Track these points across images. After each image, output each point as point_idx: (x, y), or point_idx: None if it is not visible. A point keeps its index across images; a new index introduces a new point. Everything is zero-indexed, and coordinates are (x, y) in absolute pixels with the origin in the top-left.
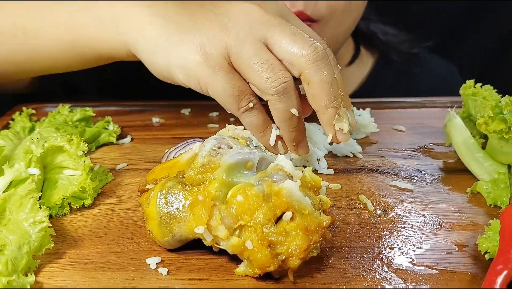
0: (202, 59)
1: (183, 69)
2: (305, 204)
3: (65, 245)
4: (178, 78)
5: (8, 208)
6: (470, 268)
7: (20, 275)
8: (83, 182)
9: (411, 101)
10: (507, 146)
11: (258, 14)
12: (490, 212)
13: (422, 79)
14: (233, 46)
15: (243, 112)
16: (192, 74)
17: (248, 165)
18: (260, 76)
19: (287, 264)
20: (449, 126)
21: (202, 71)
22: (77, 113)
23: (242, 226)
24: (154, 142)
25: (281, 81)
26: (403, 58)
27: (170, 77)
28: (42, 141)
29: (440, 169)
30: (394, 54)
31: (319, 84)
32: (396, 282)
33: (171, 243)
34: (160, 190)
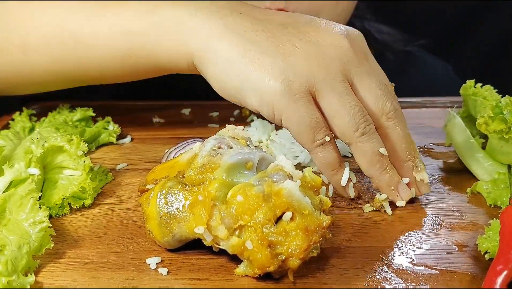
0: (283, 85)
1: (259, 92)
2: (305, 204)
3: (65, 245)
4: (250, 100)
5: (8, 208)
6: (470, 268)
7: (20, 275)
8: (83, 182)
9: (411, 101)
10: (507, 146)
11: (349, 52)
12: (490, 212)
13: (417, 78)
14: (321, 80)
15: (318, 145)
16: (268, 100)
17: (248, 165)
18: (348, 117)
19: (287, 264)
20: (449, 126)
21: (280, 98)
22: (77, 113)
23: (242, 226)
24: (154, 142)
25: (367, 124)
26: (398, 57)
27: (240, 98)
28: (42, 141)
29: (440, 169)
30: (389, 53)
31: (396, 140)
32: (396, 282)
33: (171, 243)
34: (160, 190)
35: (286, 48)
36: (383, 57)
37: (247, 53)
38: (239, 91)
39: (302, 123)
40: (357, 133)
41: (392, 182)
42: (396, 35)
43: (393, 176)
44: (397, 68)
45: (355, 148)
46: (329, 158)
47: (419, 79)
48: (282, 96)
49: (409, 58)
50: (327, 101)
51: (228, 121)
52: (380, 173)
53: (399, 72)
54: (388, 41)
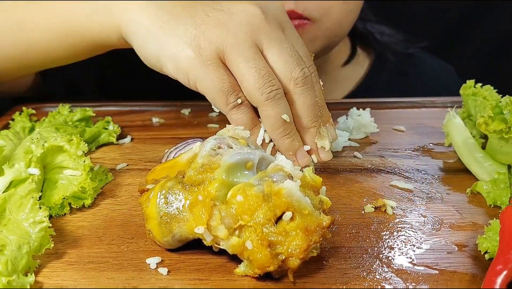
0: (194, 52)
1: (174, 60)
2: (305, 204)
3: (65, 245)
4: (167, 68)
5: (8, 208)
6: (470, 268)
7: (20, 275)
8: (83, 182)
9: (411, 101)
10: (507, 146)
11: (260, 18)
12: (490, 212)
13: (418, 80)
14: (230, 45)
15: (232, 108)
16: (182, 66)
17: (248, 165)
18: (254, 80)
19: (287, 264)
20: (449, 126)
21: (192, 64)
22: (77, 113)
23: (242, 226)
24: (154, 142)
25: (273, 88)
26: (399, 58)
27: (159, 66)
28: (42, 141)
29: (440, 169)
30: (390, 54)
31: (302, 106)
32: (396, 282)
33: (171, 243)
34: (160, 190)
35: (199, 17)
36: (384, 59)
37: (164, 23)
38: (158, 59)
39: (214, 88)
40: (262, 96)
41: (292, 147)
42: (397, 37)
43: (294, 142)
44: (399, 70)
45: (260, 111)
46: (244, 119)
47: (420, 80)
48: (194, 62)
49: (410, 60)
50: (235, 66)
51: (228, 121)
52: (281, 137)
53: (401, 73)
54: (389, 43)
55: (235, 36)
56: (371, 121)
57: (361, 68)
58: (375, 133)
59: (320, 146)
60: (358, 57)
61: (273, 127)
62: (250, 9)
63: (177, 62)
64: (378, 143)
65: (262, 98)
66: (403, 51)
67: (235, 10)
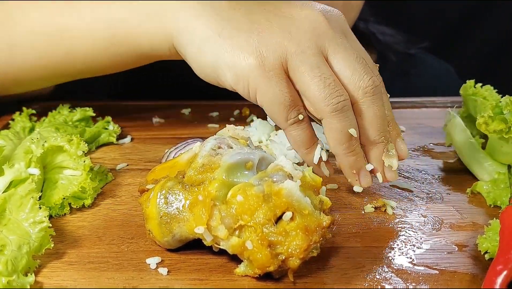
0: (256, 61)
1: (234, 69)
2: (305, 204)
3: (65, 245)
4: (225, 78)
5: (8, 208)
6: (470, 268)
7: (20, 275)
8: (83, 182)
9: (411, 101)
10: (507, 146)
11: (323, 25)
12: (490, 212)
13: (419, 80)
14: (293, 53)
15: (292, 123)
16: (243, 75)
17: (248, 165)
18: (319, 90)
19: (287, 264)
20: (449, 126)
21: (254, 74)
22: (77, 113)
23: (242, 226)
24: (154, 142)
25: (340, 99)
26: (401, 58)
27: (216, 76)
28: (42, 141)
29: (440, 169)
30: (392, 54)
31: (371, 119)
32: (396, 282)
33: (171, 243)
34: (160, 190)
35: (261, 24)
36: (385, 59)
37: (223, 30)
38: (215, 69)
39: (275, 100)
40: (328, 107)
41: (355, 166)
42: (398, 37)
43: (358, 160)
44: (399, 70)
45: (325, 123)
46: (303, 136)
47: (421, 80)
48: (256, 72)
49: (411, 60)
50: (298, 75)
51: (228, 121)
52: (346, 154)
53: (401, 73)
54: (390, 43)
55: (299, 43)
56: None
57: None
58: None
59: (387, 164)
60: None
61: (339, 142)
62: (313, 15)
63: (237, 71)
64: None
65: (328, 109)
66: (405, 51)
67: (298, 17)
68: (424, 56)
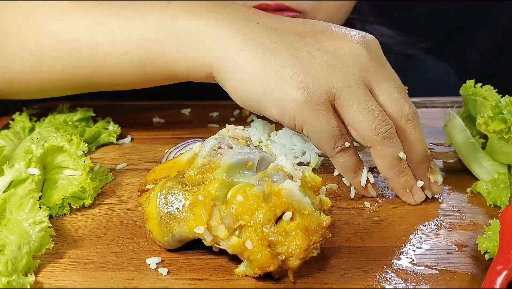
0: (303, 97)
1: (280, 104)
2: (305, 204)
3: (65, 245)
4: (270, 112)
5: (8, 208)
6: (470, 268)
7: (20, 275)
8: (83, 182)
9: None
10: (507, 146)
11: (366, 58)
12: (490, 212)
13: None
14: (340, 89)
15: (339, 151)
16: (290, 111)
17: (248, 165)
18: (368, 122)
19: (287, 264)
20: (449, 126)
21: (301, 110)
22: (77, 113)
23: (242, 226)
24: (154, 142)
25: (388, 127)
26: (399, 59)
27: (260, 109)
28: (42, 141)
29: (440, 169)
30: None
31: (415, 142)
32: (396, 282)
33: (171, 243)
34: (160, 190)
35: (305, 59)
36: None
37: (267, 65)
38: (260, 103)
39: (323, 132)
40: (377, 137)
41: (408, 185)
42: (397, 38)
43: (409, 179)
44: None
45: (375, 151)
46: (349, 163)
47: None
48: (303, 107)
49: (409, 61)
50: (346, 109)
51: (228, 121)
52: (397, 176)
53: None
54: (389, 44)
55: (345, 78)
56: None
57: None
58: None
59: (434, 180)
60: None
61: (390, 166)
62: (356, 50)
63: (284, 106)
64: None
65: (378, 138)
66: (403, 52)
67: (341, 51)
68: (423, 57)
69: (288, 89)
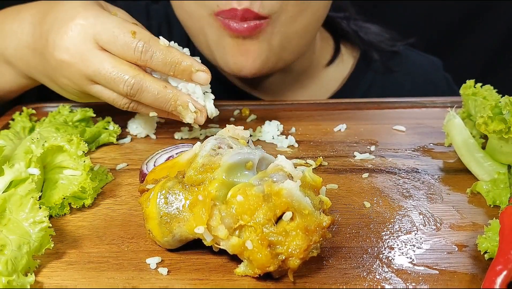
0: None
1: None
2: (305, 204)
3: (65, 245)
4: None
5: (8, 208)
6: (470, 268)
7: (20, 275)
8: (83, 182)
9: (411, 101)
10: (507, 146)
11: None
12: (490, 212)
13: (404, 77)
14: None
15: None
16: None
17: (248, 165)
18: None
19: (287, 264)
20: (449, 126)
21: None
22: (77, 113)
23: (242, 226)
24: (154, 142)
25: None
26: (385, 56)
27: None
28: (42, 141)
29: (440, 169)
30: (375, 53)
31: (149, 106)
32: (396, 282)
33: (171, 243)
34: (160, 190)
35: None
36: (369, 57)
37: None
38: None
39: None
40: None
41: (182, 102)
42: (383, 35)
43: (180, 97)
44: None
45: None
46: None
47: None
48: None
49: (395, 58)
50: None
51: (228, 121)
52: (169, 107)
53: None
54: (374, 41)
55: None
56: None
57: (345, 67)
58: (375, 133)
59: (188, 121)
60: (342, 57)
61: (159, 107)
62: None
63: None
64: (378, 143)
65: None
66: (388, 49)
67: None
68: (409, 53)
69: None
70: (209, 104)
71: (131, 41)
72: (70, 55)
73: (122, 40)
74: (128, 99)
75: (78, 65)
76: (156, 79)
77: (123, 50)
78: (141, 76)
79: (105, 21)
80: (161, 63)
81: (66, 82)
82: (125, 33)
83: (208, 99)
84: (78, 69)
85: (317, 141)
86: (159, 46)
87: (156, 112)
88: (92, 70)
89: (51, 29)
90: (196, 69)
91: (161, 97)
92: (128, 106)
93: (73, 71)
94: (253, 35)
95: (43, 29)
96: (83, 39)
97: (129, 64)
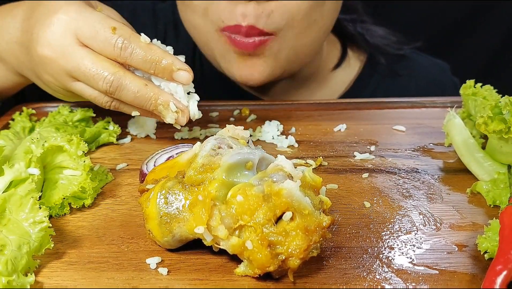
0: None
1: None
2: (305, 204)
3: (65, 245)
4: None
5: (8, 208)
6: (470, 268)
7: (20, 275)
8: (83, 182)
9: (411, 101)
10: (506, 146)
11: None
12: (490, 212)
13: (411, 80)
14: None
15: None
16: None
17: (248, 165)
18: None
19: (287, 264)
20: (449, 126)
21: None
22: (77, 113)
23: (242, 226)
24: (154, 142)
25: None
26: (391, 60)
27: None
28: (42, 141)
29: (440, 169)
30: (381, 56)
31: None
32: (396, 282)
33: (171, 243)
34: (160, 190)
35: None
36: (375, 61)
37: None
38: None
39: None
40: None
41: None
42: (390, 38)
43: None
44: (390, 71)
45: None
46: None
47: (413, 81)
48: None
49: (402, 61)
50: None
51: (228, 121)
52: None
53: (392, 75)
54: (381, 44)
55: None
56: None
57: (351, 71)
58: (375, 133)
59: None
60: (349, 60)
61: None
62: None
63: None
64: (378, 143)
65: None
66: (395, 52)
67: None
68: (416, 57)
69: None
70: (193, 105)
71: (111, 37)
72: (51, 50)
73: (102, 36)
74: (109, 97)
75: (59, 60)
76: (137, 77)
77: (104, 46)
78: (120, 74)
79: (87, 16)
80: (141, 61)
81: (49, 78)
82: (106, 28)
83: (192, 99)
84: (59, 64)
85: (317, 141)
86: (139, 43)
87: (139, 111)
88: (71, 66)
89: (36, 23)
90: (177, 68)
91: (141, 96)
92: (110, 104)
93: (54, 67)
94: (258, 51)
95: (30, 24)
96: (64, 34)
97: (110, 61)
